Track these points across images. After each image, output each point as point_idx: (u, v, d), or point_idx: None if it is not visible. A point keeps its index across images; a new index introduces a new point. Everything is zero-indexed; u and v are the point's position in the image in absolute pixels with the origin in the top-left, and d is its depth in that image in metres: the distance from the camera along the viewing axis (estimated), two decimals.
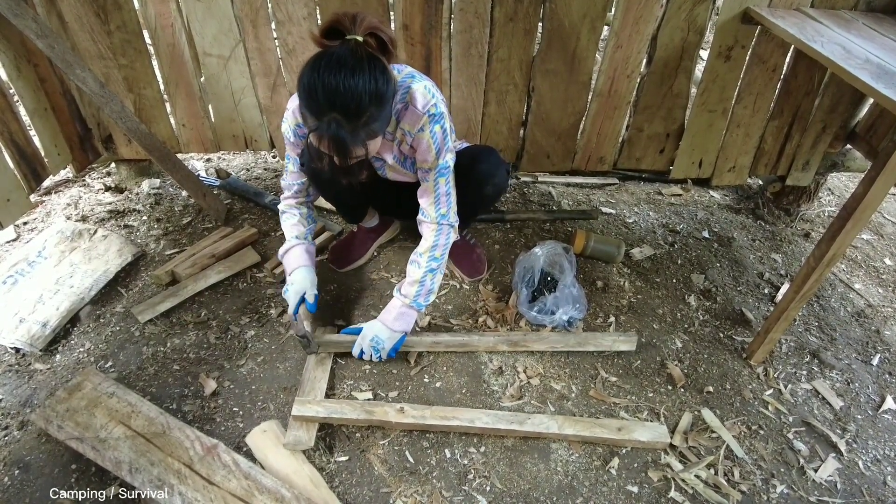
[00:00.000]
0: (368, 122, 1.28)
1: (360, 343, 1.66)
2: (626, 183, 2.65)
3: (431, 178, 1.57)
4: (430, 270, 1.63)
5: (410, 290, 1.64)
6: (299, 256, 1.72)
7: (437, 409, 1.53)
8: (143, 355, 1.67)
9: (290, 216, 1.76)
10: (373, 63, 1.24)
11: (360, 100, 1.23)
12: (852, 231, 1.45)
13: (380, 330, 1.65)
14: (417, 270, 1.63)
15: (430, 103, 1.47)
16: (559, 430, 1.50)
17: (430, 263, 1.62)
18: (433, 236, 1.62)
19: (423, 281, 1.63)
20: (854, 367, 1.83)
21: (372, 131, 1.31)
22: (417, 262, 1.64)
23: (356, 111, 1.24)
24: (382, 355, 1.67)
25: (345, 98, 1.22)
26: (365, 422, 1.50)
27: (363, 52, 1.23)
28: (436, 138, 1.50)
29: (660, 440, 1.51)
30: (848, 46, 1.59)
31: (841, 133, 2.24)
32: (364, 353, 1.68)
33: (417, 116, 1.47)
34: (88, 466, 1.37)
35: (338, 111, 1.23)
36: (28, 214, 2.19)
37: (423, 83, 1.48)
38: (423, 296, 1.64)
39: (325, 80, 1.21)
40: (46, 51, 1.78)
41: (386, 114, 1.33)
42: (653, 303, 1.97)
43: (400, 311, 1.64)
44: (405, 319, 1.65)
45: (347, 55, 1.22)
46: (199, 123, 2.20)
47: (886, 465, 1.55)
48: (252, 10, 1.91)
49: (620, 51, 1.99)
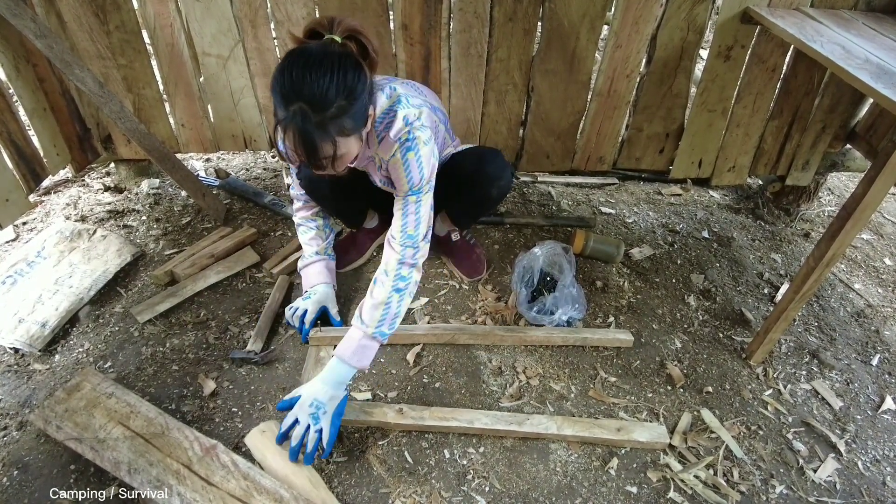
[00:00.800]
0: (337, 115, 1.22)
1: (296, 413, 1.37)
2: (626, 183, 2.65)
3: (401, 199, 1.49)
4: (397, 290, 1.44)
5: (374, 315, 1.42)
6: (320, 272, 1.72)
7: (436, 410, 1.53)
8: (142, 355, 1.67)
9: (307, 229, 1.75)
10: (345, 58, 1.22)
11: (327, 90, 1.19)
12: (852, 231, 1.45)
13: (318, 391, 1.38)
14: (382, 290, 1.43)
15: (402, 130, 1.40)
16: (558, 431, 1.50)
17: (396, 283, 1.44)
18: (398, 256, 1.46)
19: (388, 303, 1.42)
20: (853, 367, 1.82)
21: (342, 127, 1.24)
22: (383, 281, 1.45)
23: (322, 101, 1.19)
24: (324, 430, 1.36)
25: (311, 87, 1.18)
26: (364, 423, 1.50)
27: (336, 48, 1.22)
28: (408, 166, 1.43)
29: (659, 440, 1.51)
30: (847, 46, 1.59)
31: (841, 133, 2.24)
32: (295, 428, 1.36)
33: (389, 144, 1.43)
34: (87, 467, 1.37)
35: (304, 101, 1.19)
36: (27, 214, 2.19)
37: (407, 111, 1.41)
38: (387, 323, 1.43)
39: (293, 69, 1.19)
40: (45, 51, 1.77)
41: (358, 110, 1.26)
42: (652, 303, 1.97)
43: (361, 343, 1.42)
44: (364, 353, 1.43)
45: (319, 49, 1.22)
46: (199, 123, 2.20)
47: (886, 466, 1.55)
48: (251, 10, 1.91)
49: (620, 50, 1.98)
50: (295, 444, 1.35)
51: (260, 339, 1.70)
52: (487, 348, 1.76)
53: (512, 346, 1.76)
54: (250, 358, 1.64)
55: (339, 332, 1.68)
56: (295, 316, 1.71)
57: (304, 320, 1.69)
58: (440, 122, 1.63)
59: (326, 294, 1.73)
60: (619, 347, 1.79)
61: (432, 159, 1.48)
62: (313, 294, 1.71)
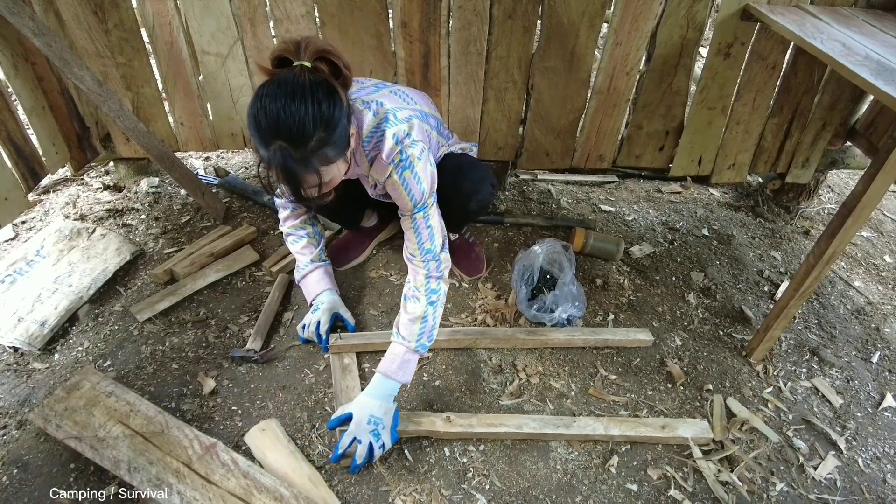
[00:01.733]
0: (318, 147, 1.20)
1: (354, 432, 1.39)
2: (626, 181, 2.65)
3: (409, 217, 1.50)
4: (431, 303, 1.49)
5: (413, 330, 1.47)
6: (320, 280, 1.70)
7: (484, 417, 1.52)
8: (142, 354, 1.67)
9: (297, 238, 1.72)
10: (316, 86, 1.18)
11: (304, 125, 1.16)
12: (852, 228, 1.45)
13: (372, 407, 1.41)
14: (417, 305, 1.48)
15: (394, 151, 1.39)
16: (605, 432, 1.50)
17: (429, 296, 1.49)
18: (424, 272, 1.51)
19: (425, 317, 1.48)
20: (854, 364, 1.82)
21: (324, 157, 1.22)
22: (416, 297, 1.49)
23: (301, 137, 1.17)
24: (386, 442, 1.41)
25: (287, 124, 1.16)
26: (413, 433, 1.48)
27: (306, 77, 1.18)
28: (407, 185, 1.42)
29: (703, 436, 1.52)
30: (848, 43, 1.58)
31: (841, 130, 2.23)
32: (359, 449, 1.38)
33: (383, 167, 1.42)
34: (87, 465, 1.37)
35: (282, 138, 1.17)
36: (26, 213, 2.18)
37: (398, 127, 1.39)
38: (426, 336, 1.49)
39: (266, 106, 1.16)
40: (44, 49, 1.77)
41: (338, 138, 1.23)
42: (652, 301, 1.97)
43: (404, 358, 1.47)
44: (408, 367, 1.48)
45: (289, 80, 1.18)
46: (198, 122, 2.19)
47: (886, 463, 1.55)
48: (250, 8, 1.90)
49: (619, 48, 1.98)
50: (360, 462, 1.38)
51: (259, 337, 1.70)
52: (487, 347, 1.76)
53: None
54: (250, 356, 1.64)
55: (358, 337, 1.70)
56: (309, 331, 1.67)
57: (320, 331, 1.66)
58: (432, 129, 1.60)
59: (333, 301, 1.70)
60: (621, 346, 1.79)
61: (429, 169, 1.46)
62: (320, 304, 1.68)
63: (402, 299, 1.53)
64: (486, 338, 1.75)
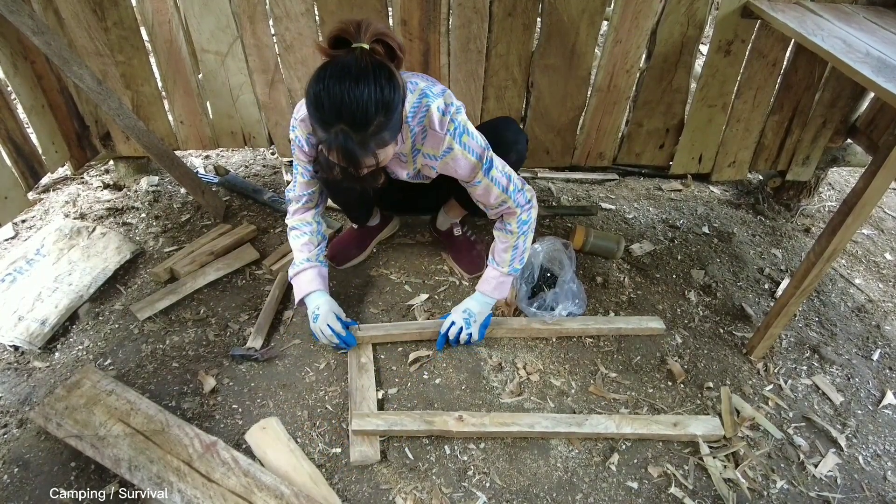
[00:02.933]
0: (377, 131, 1.24)
1: (452, 317, 1.69)
2: (626, 178, 2.65)
3: (484, 179, 1.53)
4: (523, 233, 1.64)
5: (505, 257, 1.66)
6: (312, 280, 1.68)
7: (496, 416, 1.52)
8: (142, 353, 1.67)
9: (300, 234, 1.71)
10: (378, 71, 1.21)
11: (367, 109, 1.20)
12: (852, 226, 1.44)
13: (470, 303, 1.69)
14: (510, 237, 1.64)
15: (445, 122, 1.44)
16: (617, 430, 1.51)
17: (521, 227, 1.63)
18: (516, 212, 1.61)
19: (516, 246, 1.64)
20: (854, 362, 1.82)
21: (382, 140, 1.27)
22: (509, 230, 1.64)
23: (363, 121, 1.21)
24: (473, 333, 1.68)
25: (351, 108, 1.19)
26: (426, 432, 1.48)
27: (368, 60, 1.20)
28: (469, 148, 1.48)
29: (714, 433, 1.52)
30: (848, 40, 1.58)
31: (841, 128, 2.23)
32: (452, 328, 1.68)
33: (439, 139, 1.45)
34: (88, 464, 1.37)
35: (345, 122, 1.20)
36: (26, 212, 2.18)
37: (439, 101, 1.44)
38: (518, 259, 1.66)
39: (330, 90, 1.19)
40: (43, 47, 1.77)
41: (395, 122, 1.29)
42: (652, 298, 1.97)
43: (499, 280, 1.68)
44: (503, 288, 1.70)
45: (352, 64, 1.20)
46: (197, 120, 2.19)
47: (887, 461, 1.55)
48: (249, 6, 1.90)
49: (620, 46, 1.98)
50: (445, 331, 1.70)
51: (260, 335, 1.70)
52: (488, 344, 1.76)
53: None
54: (250, 355, 1.64)
55: (378, 328, 1.74)
56: (326, 335, 1.64)
57: (336, 332, 1.64)
58: None
59: (330, 302, 1.68)
60: (620, 343, 1.79)
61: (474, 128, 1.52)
62: (316, 310, 1.65)
63: (495, 229, 1.69)
64: (503, 328, 1.77)
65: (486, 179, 1.54)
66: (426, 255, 2.06)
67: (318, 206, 1.75)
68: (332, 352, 1.70)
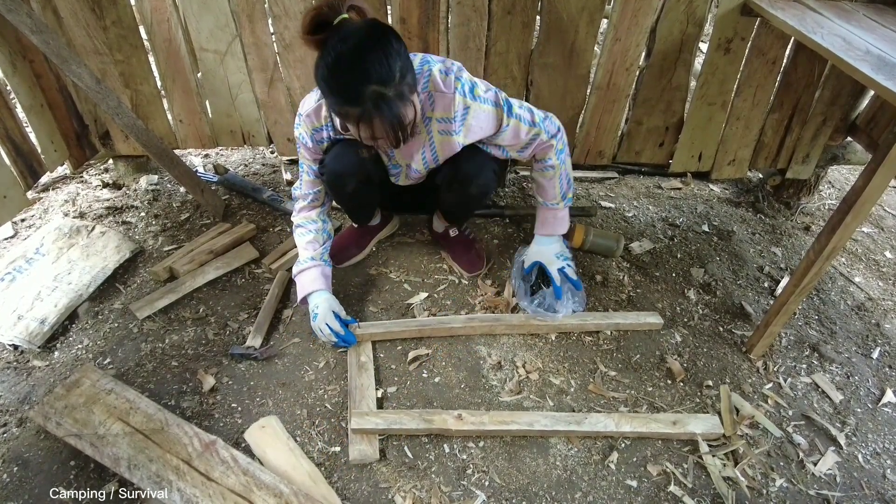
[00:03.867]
0: (403, 78, 1.26)
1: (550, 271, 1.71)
2: (626, 177, 2.64)
3: (510, 121, 1.54)
4: (563, 162, 1.66)
5: (555, 192, 1.67)
6: (315, 279, 1.68)
7: (496, 415, 1.52)
8: (142, 352, 1.67)
9: (306, 232, 1.71)
10: (376, 29, 1.24)
11: (390, 64, 1.22)
12: (852, 224, 1.44)
13: (551, 247, 1.71)
14: (552, 171, 1.65)
15: (451, 81, 1.45)
16: (617, 428, 1.50)
17: (559, 157, 1.64)
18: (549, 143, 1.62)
19: (562, 175, 1.66)
20: (854, 360, 1.82)
21: (411, 86, 1.30)
22: (550, 164, 1.64)
23: (390, 75, 1.23)
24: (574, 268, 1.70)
25: (375, 68, 1.21)
26: (425, 431, 1.48)
27: (362, 24, 1.24)
28: (484, 99, 1.48)
29: (713, 431, 1.52)
30: (848, 38, 1.57)
31: (841, 125, 2.23)
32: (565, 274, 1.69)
33: (448, 99, 1.46)
34: (87, 463, 1.37)
35: (375, 83, 1.22)
36: (26, 211, 2.19)
37: (439, 65, 1.46)
38: (569, 188, 1.69)
39: (347, 62, 1.21)
40: (42, 47, 1.76)
41: (412, 67, 1.31)
42: (652, 297, 1.97)
43: (557, 216, 1.71)
44: (564, 221, 1.73)
45: (353, 32, 1.22)
46: (197, 119, 2.19)
47: (886, 459, 1.55)
48: (248, 5, 1.90)
49: (619, 43, 1.97)
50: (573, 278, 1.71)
51: (259, 334, 1.70)
52: (487, 343, 1.76)
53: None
54: (250, 354, 1.64)
55: (377, 325, 1.74)
56: (326, 334, 1.64)
57: (335, 330, 1.64)
58: None
59: (330, 301, 1.67)
60: (619, 341, 1.79)
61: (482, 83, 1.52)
62: (316, 308, 1.65)
63: (533, 171, 1.70)
64: (502, 324, 1.77)
65: (513, 119, 1.54)
66: (426, 254, 2.06)
67: (323, 205, 1.76)
68: (332, 350, 1.70)
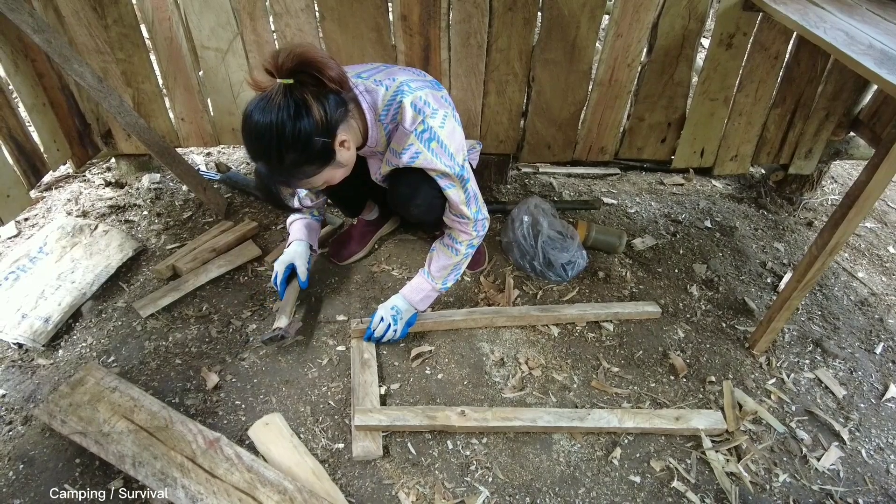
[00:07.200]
0: (293, 166, 1.29)
1: (381, 313, 1.68)
2: (628, 173, 2.64)
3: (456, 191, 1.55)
4: (466, 256, 1.69)
5: (442, 274, 1.69)
6: (298, 230, 1.79)
7: (499, 411, 1.52)
8: (145, 350, 1.68)
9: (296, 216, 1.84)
10: (286, 108, 1.22)
11: (278, 149, 1.25)
12: (855, 219, 1.44)
13: (398, 301, 1.70)
14: (455, 256, 1.67)
15: (416, 120, 1.42)
16: (620, 424, 1.50)
17: (468, 251, 1.68)
18: (469, 235, 1.66)
19: (457, 266, 1.69)
20: (857, 355, 1.82)
21: (303, 173, 1.33)
22: (455, 248, 1.67)
23: (277, 160, 1.27)
24: (398, 329, 1.67)
25: (262, 148, 1.27)
26: (428, 427, 1.48)
27: (277, 98, 1.23)
28: (435, 154, 1.46)
29: (716, 427, 1.52)
30: (851, 32, 1.57)
31: (844, 120, 2.22)
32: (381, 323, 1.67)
33: (405, 135, 1.44)
34: (92, 461, 1.38)
35: (260, 161, 1.29)
36: (28, 210, 2.19)
37: (417, 94, 1.43)
38: (451, 278, 1.71)
39: (247, 128, 1.26)
40: (43, 46, 1.77)
41: (316, 153, 1.30)
42: (655, 293, 1.97)
43: (427, 293, 1.71)
44: (428, 301, 1.73)
45: (262, 103, 1.24)
46: (198, 117, 2.19)
47: (889, 454, 1.55)
48: (249, 3, 1.89)
49: (621, 39, 1.97)
50: (377, 335, 1.66)
51: (283, 315, 1.69)
52: (490, 339, 1.76)
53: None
54: (279, 335, 1.64)
55: None
56: (276, 280, 1.75)
57: (276, 283, 1.75)
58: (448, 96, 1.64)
59: (295, 251, 1.76)
60: (622, 337, 1.79)
61: (456, 132, 1.50)
62: (281, 255, 1.77)
63: (438, 242, 1.71)
64: (502, 316, 1.78)
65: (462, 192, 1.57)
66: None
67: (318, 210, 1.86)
68: (335, 348, 1.71)
